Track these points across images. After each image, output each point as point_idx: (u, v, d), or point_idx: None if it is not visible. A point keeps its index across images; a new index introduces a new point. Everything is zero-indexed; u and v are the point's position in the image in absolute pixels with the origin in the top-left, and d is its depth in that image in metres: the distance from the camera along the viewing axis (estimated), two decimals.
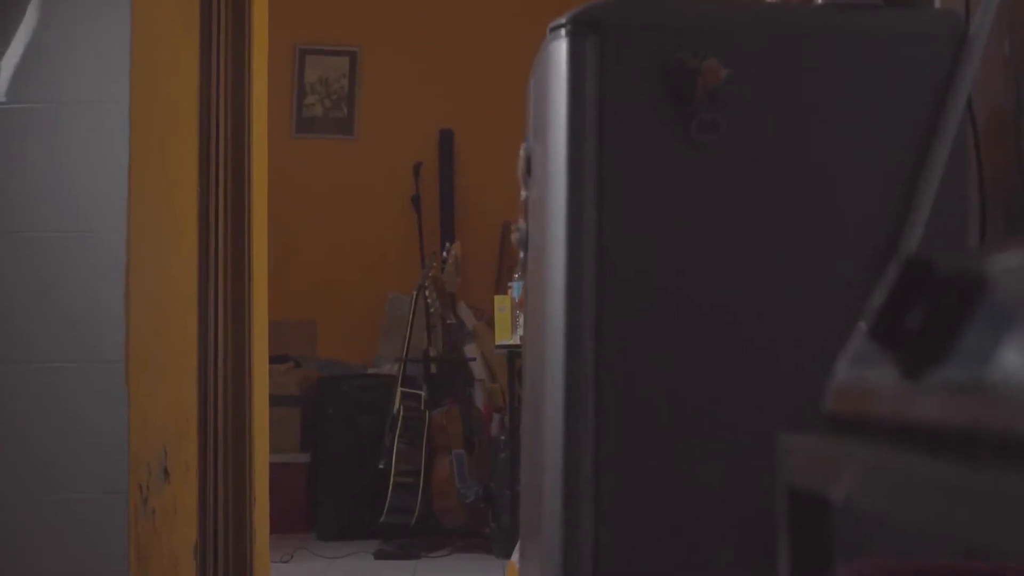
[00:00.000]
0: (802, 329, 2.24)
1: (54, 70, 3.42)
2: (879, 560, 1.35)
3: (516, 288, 5.24)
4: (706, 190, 2.25)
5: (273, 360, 4.82)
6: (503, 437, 5.80)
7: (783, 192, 2.27)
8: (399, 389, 6.04)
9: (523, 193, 2.66)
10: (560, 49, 2.25)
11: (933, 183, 2.23)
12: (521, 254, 2.74)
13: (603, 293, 2.20)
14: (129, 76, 3.39)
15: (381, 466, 5.92)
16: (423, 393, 6.13)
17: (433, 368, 6.35)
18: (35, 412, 3.35)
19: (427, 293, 6.31)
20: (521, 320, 4.57)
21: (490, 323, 6.06)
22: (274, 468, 4.36)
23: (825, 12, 2.39)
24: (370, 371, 6.62)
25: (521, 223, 2.69)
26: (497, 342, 5.62)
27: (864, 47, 2.29)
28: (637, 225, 2.22)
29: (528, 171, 2.57)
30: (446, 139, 7.23)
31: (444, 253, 6.43)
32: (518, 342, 4.86)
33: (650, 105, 2.22)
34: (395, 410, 6.04)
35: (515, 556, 3.78)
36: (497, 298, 5.60)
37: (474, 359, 6.41)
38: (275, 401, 4.67)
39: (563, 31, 2.26)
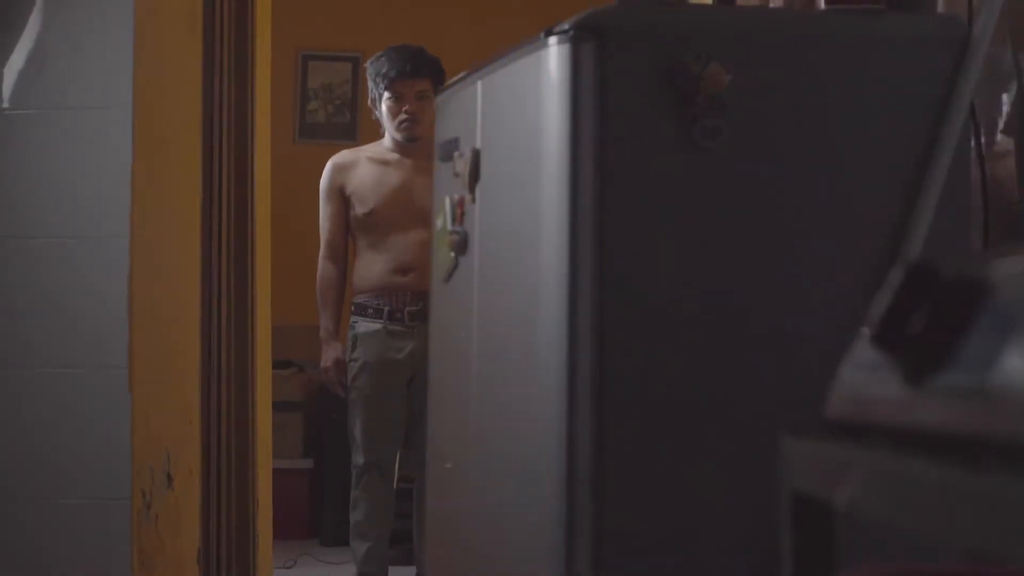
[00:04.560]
0: (805, 334, 2.23)
1: (58, 76, 3.42)
2: (881, 565, 1.36)
3: None
4: (709, 195, 2.24)
5: (276, 365, 4.81)
6: None
7: (786, 197, 2.27)
8: None
9: (463, 193, 2.61)
10: (563, 54, 2.25)
11: (936, 187, 2.23)
12: (452, 255, 2.68)
13: (604, 299, 2.19)
14: (132, 82, 3.40)
15: None
16: None
17: None
18: (38, 416, 3.35)
19: None
20: None
21: None
22: (277, 474, 4.35)
23: (828, 17, 2.39)
24: None
25: (458, 226, 2.63)
26: None
27: (867, 52, 2.29)
28: (638, 231, 2.22)
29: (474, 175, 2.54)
30: None
31: None
32: None
33: (652, 110, 2.22)
34: None
35: None
36: None
37: None
38: (278, 406, 4.65)
39: (565, 36, 2.25)
